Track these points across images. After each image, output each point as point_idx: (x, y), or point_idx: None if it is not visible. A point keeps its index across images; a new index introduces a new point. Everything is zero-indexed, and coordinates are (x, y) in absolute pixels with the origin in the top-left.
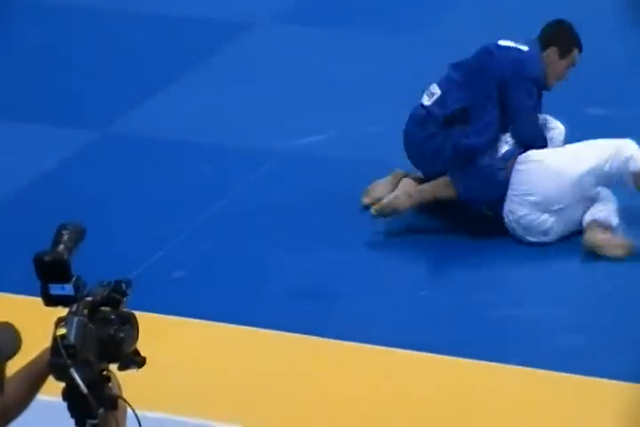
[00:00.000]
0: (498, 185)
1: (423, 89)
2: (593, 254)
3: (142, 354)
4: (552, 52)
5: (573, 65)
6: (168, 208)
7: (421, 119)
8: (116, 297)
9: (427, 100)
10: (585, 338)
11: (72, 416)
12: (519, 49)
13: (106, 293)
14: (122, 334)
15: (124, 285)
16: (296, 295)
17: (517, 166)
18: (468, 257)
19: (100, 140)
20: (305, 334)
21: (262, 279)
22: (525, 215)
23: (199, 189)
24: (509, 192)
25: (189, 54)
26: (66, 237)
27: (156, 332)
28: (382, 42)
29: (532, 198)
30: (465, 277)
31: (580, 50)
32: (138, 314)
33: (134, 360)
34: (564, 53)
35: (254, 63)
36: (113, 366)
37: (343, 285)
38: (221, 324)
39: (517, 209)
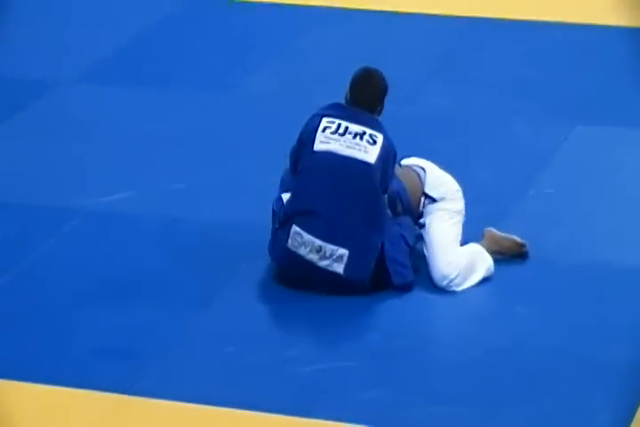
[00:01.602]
0: None
1: (228, 148)
2: (395, 309)
3: None
4: (381, 108)
5: None
6: None
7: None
8: None
9: (335, 265)
10: (386, 392)
11: None
12: (380, 146)
13: None
14: None
15: None
16: (104, 354)
17: None
18: (276, 314)
19: None
20: (113, 392)
21: (68, 338)
22: None
23: (2, 248)
24: None
25: None
26: None
27: None
28: (189, 101)
29: None
30: (272, 333)
31: None
32: None
33: None
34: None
35: (58, 122)
36: None
37: (151, 343)
38: (27, 383)
39: None
